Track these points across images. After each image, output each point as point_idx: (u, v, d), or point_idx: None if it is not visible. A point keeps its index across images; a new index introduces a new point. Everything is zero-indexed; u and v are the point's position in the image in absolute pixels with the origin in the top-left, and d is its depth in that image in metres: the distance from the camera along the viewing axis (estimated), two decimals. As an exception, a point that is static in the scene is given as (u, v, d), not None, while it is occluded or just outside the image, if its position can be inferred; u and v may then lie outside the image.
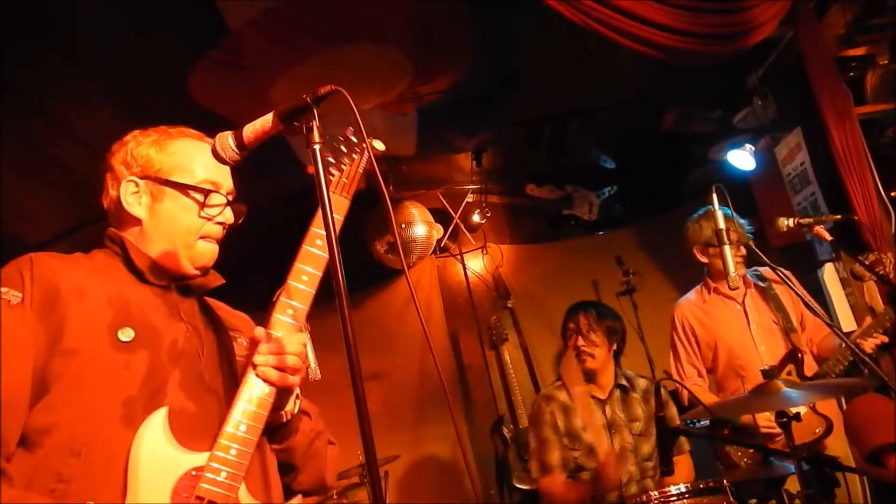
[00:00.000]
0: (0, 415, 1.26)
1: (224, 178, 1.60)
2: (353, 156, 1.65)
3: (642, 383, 3.15)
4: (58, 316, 1.36)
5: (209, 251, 1.58)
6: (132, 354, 1.39)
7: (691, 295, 3.58)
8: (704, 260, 3.47)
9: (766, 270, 3.45)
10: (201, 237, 1.55)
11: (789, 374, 3.17)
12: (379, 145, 1.62)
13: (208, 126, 1.44)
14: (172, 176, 1.55)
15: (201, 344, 1.52)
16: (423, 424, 5.20)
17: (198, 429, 1.41)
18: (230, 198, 1.61)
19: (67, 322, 1.37)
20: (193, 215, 1.55)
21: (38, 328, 1.34)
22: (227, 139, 1.40)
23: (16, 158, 3.13)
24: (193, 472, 1.33)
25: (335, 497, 4.29)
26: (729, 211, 2.69)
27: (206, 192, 1.55)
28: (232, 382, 1.50)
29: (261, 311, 2.47)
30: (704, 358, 3.44)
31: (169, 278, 1.55)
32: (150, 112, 1.71)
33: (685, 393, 3.39)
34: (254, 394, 1.41)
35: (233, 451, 1.36)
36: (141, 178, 1.56)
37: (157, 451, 1.32)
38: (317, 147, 1.32)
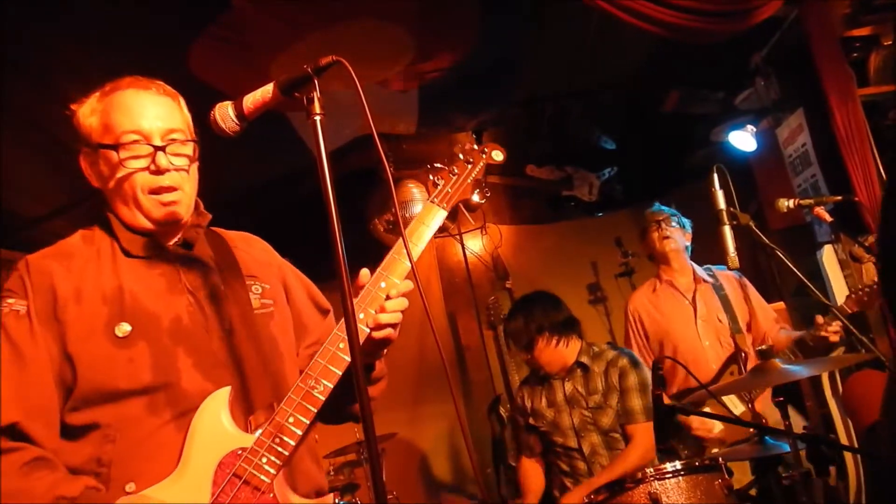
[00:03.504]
0: (29, 423, 1.36)
1: (153, 122, 1.50)
2: (468, 165, 1.67)
3: (608, 356, 3.18)
4: (59, 322, 1.41)
5: (159, 202, 1.50)
6: (132, 348, 1.41)
7: (644, 286, 3.65)
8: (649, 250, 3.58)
9: (718, 271, 3.47)
10: (149, 192, 1.49)
11: (732, 374, 3.23)
12: (497, 155, 1.68)
13: (209, 102, 1.42)
14: (102, 139, 1.51)
15: (205, 319, 1.50)
16: (421, 403, 5.23)
17: None
18: (175, 136, 1.52)
19: (68, 327, 1.41)
20: (125, 171, 1.48)
21: (46, 335, 1.40)
22: (227, 109, 1.38)
23: (15, 134, 3.12)
24: (239, 451, 1.39)
25: (332, 474, 4.33)
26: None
27: (118, 146, 1.48)
28: (250, 352, 1.50)
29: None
30: (653, 349, 3.50)
31: (155, 243, 1.53)
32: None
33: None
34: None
35: (276, 441, 1.39)
36: (87, 148, 1.55)
37: (212, 426, 1.40)
38: (317, 118, 1.29)
